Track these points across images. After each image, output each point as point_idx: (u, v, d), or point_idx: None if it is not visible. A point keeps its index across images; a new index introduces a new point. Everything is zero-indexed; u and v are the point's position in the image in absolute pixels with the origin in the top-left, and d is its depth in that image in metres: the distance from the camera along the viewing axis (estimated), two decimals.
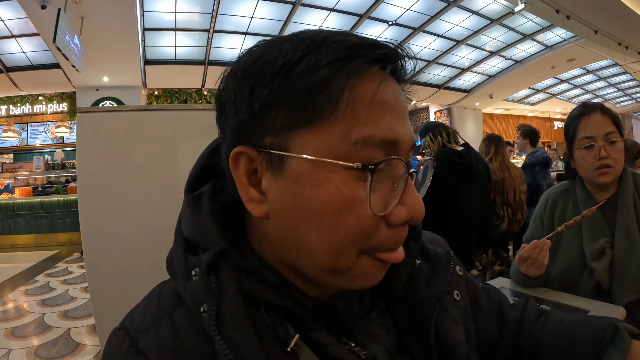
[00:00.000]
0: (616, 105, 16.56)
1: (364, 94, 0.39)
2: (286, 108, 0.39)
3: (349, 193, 0.38)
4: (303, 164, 0.39)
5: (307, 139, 0.39)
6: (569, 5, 6.64)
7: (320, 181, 0.39)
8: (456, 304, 0.55)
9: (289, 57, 0.39)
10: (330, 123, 0.38)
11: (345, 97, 0.38)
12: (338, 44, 0.39)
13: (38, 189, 7.94)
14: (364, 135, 0.38)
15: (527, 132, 4.48)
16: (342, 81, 0.38)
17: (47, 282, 5.02)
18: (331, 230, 0.39)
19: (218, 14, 6.92)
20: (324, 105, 0.38)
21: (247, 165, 0.42)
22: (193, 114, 2.48)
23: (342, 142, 0.38)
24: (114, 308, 2.23)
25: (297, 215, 0.40)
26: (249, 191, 0.42)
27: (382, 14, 7.70)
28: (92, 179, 2.34)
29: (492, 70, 11.26)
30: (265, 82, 0.39)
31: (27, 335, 3.38)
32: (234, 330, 0.39)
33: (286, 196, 0.40)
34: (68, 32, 5.16)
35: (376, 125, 0.39)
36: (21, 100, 9.21)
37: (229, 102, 0.42)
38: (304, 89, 0.38)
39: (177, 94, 9.73)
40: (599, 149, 1.30)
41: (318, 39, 0.40)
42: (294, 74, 0.38)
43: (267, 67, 0.39)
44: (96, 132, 2.32)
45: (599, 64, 11.42)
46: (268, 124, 0.40)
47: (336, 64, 0.38)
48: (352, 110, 0.38)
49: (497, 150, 3.62)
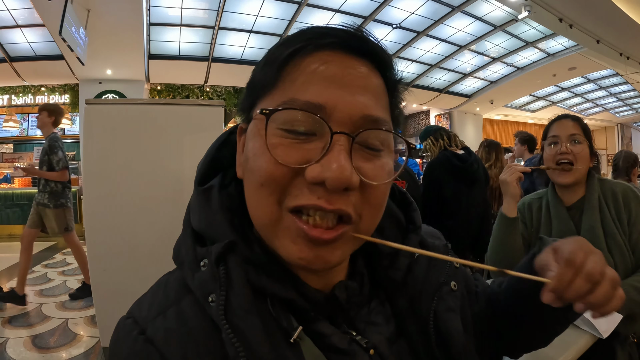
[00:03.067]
0: (616, 115, 16.60)
1: (304, 67, 0.45)
2: (258, 84, 0.48)
3: (263, 139, 0.44)
4: (253, 123, 0.47)
5: (261, 104, 0.47)
6: (572, 14, 6.67)
7: (253, 134, 0.47)
8: (453, 294, 0.56)
9: (273, 47, 0.49)
10: (275, 92, 0.46)
11: (287, 70, 0.45)
12: (303, 32, 0.48)
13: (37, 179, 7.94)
14: (288, 98, 0.44)
15: (525, 139, 4.51)
16: (285, 57, 0.45)
17: (45, 273, 5.04)
18: (250, 174, 0.45)
19: (224, 11, 6.93)
20: (270, 77, 0.46)
21: (243, 138, 0.51)
22: (198, 109, 2.51)
23: (275, 104, 0.44)
24: (114, 298, 2.25)
25: (244, 166, 0.47)
26: (240, 157, 0.51)
27: (386, 16, 7.72)
28: (97, 171, 2.37)
29: (494, 76, 11.27)
30: (256, 68, 0.51)
31: (24, 325, 3.40)
32: (242, 320, 0.40)
33: (245, 152, 0.48)
34: (74, 24, 5.17)
35: (304, 91, 0.44)
36: (23, 90, 9.18)
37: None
38: (260, 65, 0.49)
39: (180, 89, 9.73)
40: (561, 144, 1.47)
41: (299, 31, 0.48)
42: (267, 56, 0.49)
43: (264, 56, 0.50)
44: (102, 124, 2.35)
45: (600, 74, 11.44)
46: (252, 99, 0.50)
47: (287, 44, 0.47)
48: (292, 81, 0.45)
49: (497, 157, 3.65)
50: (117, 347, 0.44)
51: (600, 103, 14.88)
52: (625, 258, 1.35)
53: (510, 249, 1.50)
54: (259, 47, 8.32)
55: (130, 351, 0.42)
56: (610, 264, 1.31)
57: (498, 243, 1.52)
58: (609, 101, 14.81)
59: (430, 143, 2.91)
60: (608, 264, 1.29)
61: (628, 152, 3.72)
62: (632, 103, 15.11)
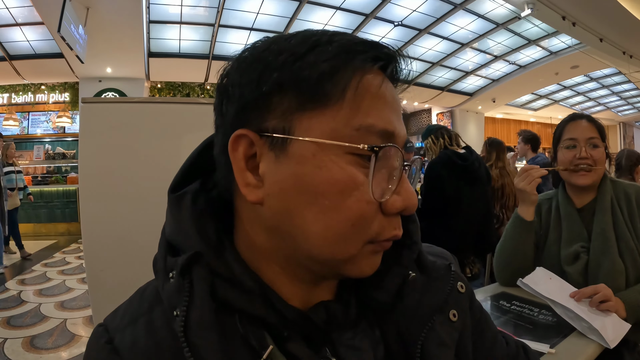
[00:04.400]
0: (618, 114, 16.55)
1: (368, 86, 0.41)
2: (294, 92, 0.40)
3: (351, 175, 0.40)
4: (307, 146, 0.40)
5: (313, 122, 0.40)
6: (576, 12, 6.63)
7: (324, 162, 0.40)
8: (450, 325, 0.50)
9: (298, 49, 0.41)
10: (335, 109, 0.40)
11: (352, 86, 0.40)
12: (344, 40, 0.42)
13: (38, 178, 7.94)
14: (366, 123, 0.40)
15: (528, 138, 4.48)
16: (349, 72, 0.40)
17: (45, 272, 5.02)
18: (332, 212, 0.40)
19: (224, 9, 6.90)
20: (332, 91, 0.40)
21: (246, 149, 0.42)
22: (198, 107, 2.47)
23: (346, 127, 0.40)
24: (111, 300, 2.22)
25: (298, 196, 0.40)
26: (246, 175, 0.42)
27: (388, 14, 7.68)
28: (95, 170, 2.33)
29: (496, 74, 11.24)
30: (275, 68, 0.40)
31: (23, 325, 3.38)
32: (197, 337, 0.39)
33: (288, 178, 0.40)
34: (73, 22, 5.14)
35: (377, 117, 0.41)
36: (23, 88, 9.17)
37: (233, 86, 0.43)
38: (314, 75, 0.40)
39: (180, 87, 9.71)
40: (580, 149, 1.41)
41: (325, 36, 0.42)
42: (304, 62, 0.40)
43: (278, 55, 0.41)
44: (100, 123, 2.31)
45: (603, 72, 11.41)
46: (273, 106, 0.41)
47: (343, 56, 0.40)
48: (357, 100, 0.40)
49: (498, 157, 3.60)
50: (88, 352, 0.45)
51: (603, 102, 14.84)
52: (637, 263, 1.31)
53: (522, 252, 1.47)
54: None
55: (96, 357, 0.43)
56: (620, 268, 1.29)
57: (510, 244, 1.48)
58: (611, 100, 14.77)
59: (430, 142, 2.88)
60: (619, 268, 1.26)
61: (630, 151, 3.70)
62: (635, 102, 15.07)
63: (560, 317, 1.22)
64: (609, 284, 1.25)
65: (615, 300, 1.20)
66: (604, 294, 1.20)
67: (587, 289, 1.24)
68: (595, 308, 1.19)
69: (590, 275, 1.35)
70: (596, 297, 1.20)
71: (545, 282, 1.34)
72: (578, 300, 1.22)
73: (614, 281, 1.28)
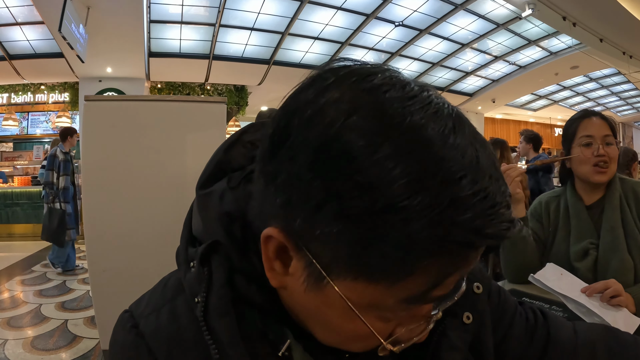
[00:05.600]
0: (618, 114, 16.59)
1: (446, 281, 0.34)
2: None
3: (375, 329, 0.36)
4: (341, 299, 0.35)
5: (359, 283, 0.33)
6: (576, 12, 6.64)
7: (352, 317, 0.35)
8: (464, 328, 0.49)
9: (396, 199, 0.29)
10: (388, 285, 0.33)
11: (431, 276, 0.32)
12: (478, 214, 0.30)
13: (37, 178, 7.91)
14: (413, 294, 0.34)
15: (530, 137, 4.49)
16: (436, 263, 0.31)
17: (44, 273, 5.00)
18: (346, 338, 0.40)
19: (225, 8, 6.89)
20: (402, 275, 0.32)
21: (278, 246, 0.37)
22: (200, 106, 2.46)
23: (390, 299, 0.34)
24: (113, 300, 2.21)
25: (315, 316, 0.40)
26: (273, 264, 0.38)
27: (389, 14, 7.68)
28: (97, 169, 2.32)
29: (496, 74, 11.26)
30: (354, 205, 0.30)
31: (23, 326, 3.36)
32: (216, 321, 0.40)
33: (310, 302, 0.38)
34: (74, 21, 5.13)
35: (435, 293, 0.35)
36: (23, 88, 9.15)
37: (291, 162, 0.33)
38: (399, 256, 0.30)
39: (180, 87, 9.69)
40: (597, 147, 1.41)
41: (468, 181, 0.30)
42: (406, 228, 0.29)
43: (351, 179, 0.30)
44: (102, 121, 2.30)
45: (602, 72, 11.45)
46: (324, 236, 0.32)
47: (448, 246, 0.30)
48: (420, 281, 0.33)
49: (503, 155, 3.60)
50: (114, 336, 0.47)
51: (602, 102, 14.88)
52: None
53: (521, 250, 1.47)
54: (260, 44, 8.28)
55: (123, 341, 0.45)
56: (629, 264, 1.29)
57: (508, 243, 1.49)
58: (611, 100, 14.82)
59: None
60: (628, 265, 1.26)
61: (627, 148, 3.76)
62: (634, 102, 15.13)
63: (571, 313, 1.22)
64: (618, 280, 1.25)
65: (625, 296, 1.20)
66: (614, 289, 1.20)
67: (598, 284, 1.24)
68: (606, 303, 1.19)
69: (600, 272, 1.36)
70: (607, 292, 1.20)
71: (557, 278, 1.34)
72: (589, 296, 1.22)
73: (623, 277, 1.29)
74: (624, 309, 1.18)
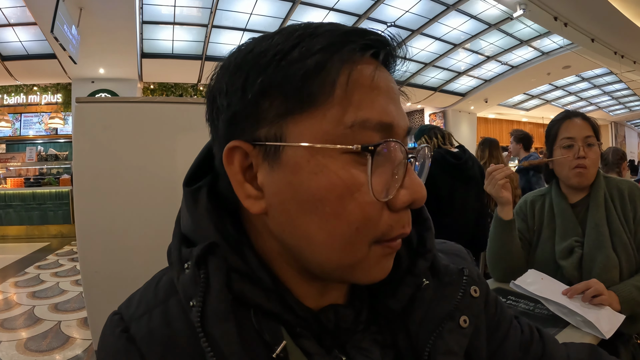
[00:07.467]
0: (610, 114, 16.69)
1: (357, 78, 0.39)
2: (281, 95, 0.38)
3: (349, 177, 0.38)
4: (300, 152, 0.38)
5: (303, 126, 0.38)
6: (567, 12, 6.68)
7: (319, 168, 0.38)
8: (460, 332, 0.48)
9: (281, 47, 0.38)
10: (325, 108, 0.38)
11: (341, 81, 0.38)
12: (329, 32, 0.39)
13: (30, 180, 7.88)
14: (360, 118, 0.38)
15: (520, 137, 4.51)
16: (336, 66, 0.38)
17: (38, 275, 4.98)
18: (334, 219, 0.38)
19: (217, 9, 6.89)
20: (319, 90, 0.38)
21: (241, 160, 0.41)
22: (192, 107, 2.47)
23: (338, 127, 0.38)
24: (106, 301, 2.21)
25: (298, 206, 0.39)
26: (245, 187, 0.41)
27: (381, 14, 7.70)
28: (89, 171, 2.32)
29: (488, 74, 11.30)
30: (259, 71, 0.38)
31: (16, 328, 3.36)
32: (215, 327, 0.38)
33: (285, 188, 0.39)
34: (66, 22, 5.11)
35: (371, 109, 0.39)
36: (15, 90, 9.09)
37: (220, 96, 0.41)
38: (298, 75, 0.37)
39: (173, 88, 9.67)
40: (578, 148, 1.42)
41: (309, 29, 0.40)
42: (287, 61, 0.38)
43: (260, 57, 0.39)
44: (94, 123, 2.30)
45: (594, 72, 11.49)
46: (262, 113, 0.39)
47: (329, 48, 0.38)
48: (347, 95, 0.38)
49: (492, 154, 3.63)
50: (103, 341, 0.45)
51: (594, 102, 14.95)
52: (630, 257, 1.33)
53: (507, 250, 1.49)
54: None
55: (112, 347, 0.43)
56: (614, 262, 1.31)
57: (495, 244, 1.51)
58: (603, 100, 14.89)
59: (424, 142, 2.89)
60: (613, 262, 1.28)
61: (616, 148, 3.80)
62: (626, 102, 15.21)
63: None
64: (604, 278, 1.27)
65: (608, 294, 1.22)
66: (595, 289, 1.22)
67: (578, 285, 1.26)
68: (588, 303, 1.21)
69: (585, 269, 1.37)
70: (588, 292, 1.22)
71: (537, 282, 1.36)
72: (570, 297, 1.24)
73: (608, 274, 1.30)
74: (607, 307, 1.19)
